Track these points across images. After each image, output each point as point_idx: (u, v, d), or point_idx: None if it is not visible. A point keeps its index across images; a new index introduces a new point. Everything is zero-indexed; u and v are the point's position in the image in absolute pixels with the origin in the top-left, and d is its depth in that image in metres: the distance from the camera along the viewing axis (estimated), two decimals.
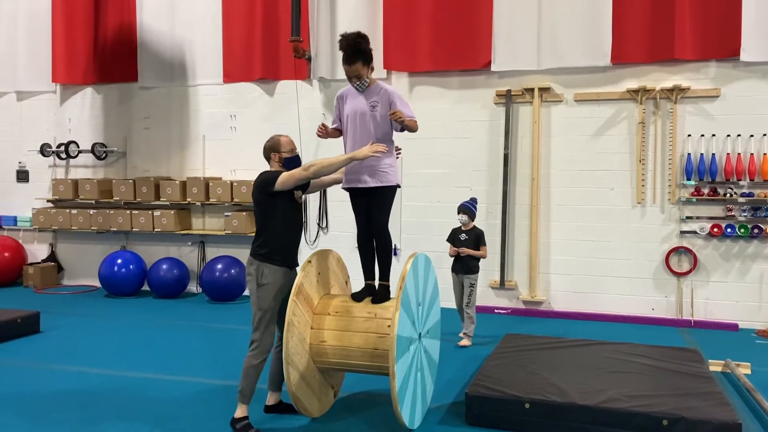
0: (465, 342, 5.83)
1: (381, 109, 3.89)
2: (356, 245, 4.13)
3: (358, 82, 3.91)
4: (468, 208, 5.92)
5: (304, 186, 3.93)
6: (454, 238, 5.98)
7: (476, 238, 5.87)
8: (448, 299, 7.22)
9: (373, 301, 3.96)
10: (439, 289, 4.41)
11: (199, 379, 4.76)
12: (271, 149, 3.92)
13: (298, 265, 3.93)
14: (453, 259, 5.94)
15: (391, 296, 4.00)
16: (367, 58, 3.86)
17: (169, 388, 4.58)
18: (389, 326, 3.54)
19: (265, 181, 3.76)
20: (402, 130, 3.91)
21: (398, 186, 4.03)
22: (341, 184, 4.07)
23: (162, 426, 3.84)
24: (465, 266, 5.84)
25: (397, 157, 4.12)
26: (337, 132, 4.13)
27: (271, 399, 4.03)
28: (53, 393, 4.46)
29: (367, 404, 4.26)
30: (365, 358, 3.83)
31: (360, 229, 4.09)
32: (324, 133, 4.06)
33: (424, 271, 3.98)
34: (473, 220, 5.95)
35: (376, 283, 4.07)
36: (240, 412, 3.70)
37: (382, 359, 3.66)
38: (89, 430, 3.82)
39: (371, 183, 3.90)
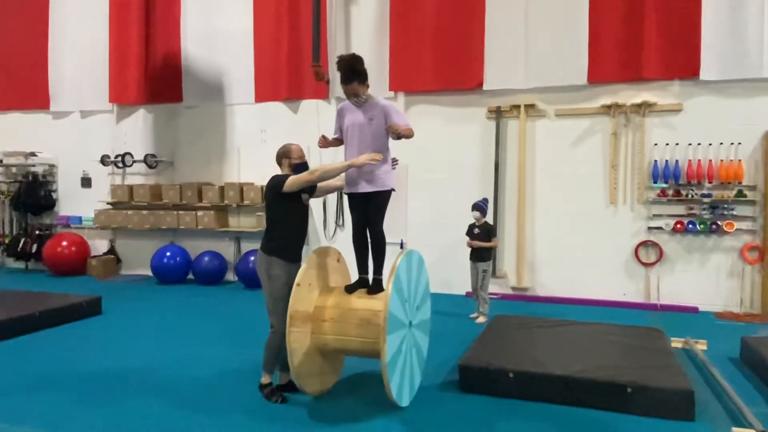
0: (481, 319, 5.94)
1: (378, 121, 3.72)
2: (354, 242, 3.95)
3: (355, 99, 3.76)
4: (479, 207, 6.04)
5: (311, 190, 3.84)
6: (470, 231, 6.08)
7: (487, 232, 6.00)
8: (449, 287, 7.36)
9: (369, 293, 3.80)
10: (425, 265, 4.14)
11: (232, 353, 4.80)
12: (282, 156, 3.83)
13: (301, 259, 3.79)
14: (471, 249, 6.05)
15: (383, 287, 3.75)
16: (362, 78, 3.71)
17: (209, 360, 4.64)
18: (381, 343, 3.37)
19: (275, 184, 3.67)
20: (399, 138, 3.73)
21: (393, 190, 3.86)
22: (344, 190, 3.93)
23: (202, 392, 3.94)
24: (479, 255, 6.00)
25: (394, 167, 3.95)
26: (338, 141, 3.98)
27: (283, 378, 3.93)
28: (110, 367, 4.54)
29: (365, 384, 4.12)
30: (364, 354, 3.82)
31: (355, 229, 3.92)
32: (324, 143, 3.92)
33: (406, 269, 3.71)
34: (485, 216, 6.07)
35: (369, 276, 3.90)
36: (265, 379, 3.77)
37: (375, 354, 3.51)
38: (131, 399, 3.88)
39: (369, 188, 3.75)
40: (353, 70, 3.67)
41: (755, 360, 4.39)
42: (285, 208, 3.69)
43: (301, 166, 3.78)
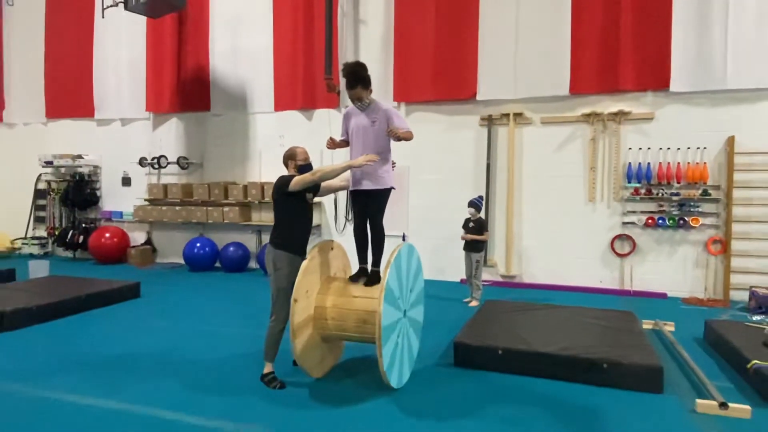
0: (474, 303, 5.92)
1: (380, 124, 3.57)
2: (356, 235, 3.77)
3: (359, 103, 3.60)
4: (474, 203, 6.00)
5: (316, 190, 3.68)
6: (465, 225, 6.03)
7: (479, 226, 5.96)
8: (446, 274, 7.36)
9: (366, 284, 3.62)
10: (414, 251, 3.88)
11: (252, 333, 4.73)
12: (289, 158, 3.65)
13: (306, 252, 3.59)
14: (464, 241, 6.00)
15: (381, 279, 3.46)
16: (365, 83, 3.53)
17: (230, 340, 4.62)
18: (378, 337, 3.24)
19: (281, 183, 3.52)
20: (399, 140, 3.56)
21: (393, 188, 3.69)
22: (349, 188, 3.74)
23: (218, 373, 3.85)
24: (472, 246, 5.96)
25: (393, 168, 3.75)
26: (344, 143, 3.79)
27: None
28: (145, 345, 4.55)
29: (363, 365, 3.99)
30: (364, 342, 3.70)
31: (356, 224, 3.77)
32: (332, 145, 3.72)
33: (396, 274, 3.48)
34: (479, 212, 6.02)
35: (368, 267, 3.74)
36: (267, 369, 3.57)
37: (372, 339, 3.44)
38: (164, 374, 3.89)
39: (370, 186, 3.61)
40: (357, 75, 3.51)
41: (717, 340, 4.38)
42: (291, 206, 3.53)
43: (306, 167, 3.61)
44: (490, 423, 3.06)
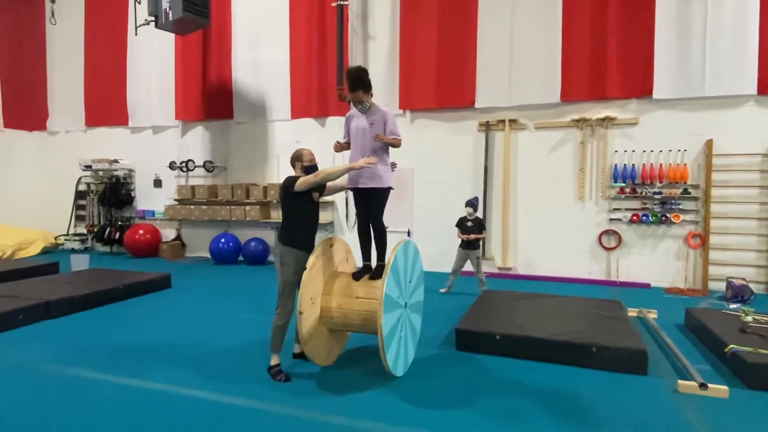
0: (444, 291, 5.90)
1: (377, 126, 3.43)
2: (360, 232, 3.63)
3: (360, 106, 3.47)
4: (472, 203, 5.94)
5: (321, 189, 3.54)
6: (462, 224, 5.92)
7: (479, 225, 5.91)
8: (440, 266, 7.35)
9: (372, 278, 3.49)
10: (410, 246, 3.63)
11: (271, 320, 4.71)
12: (296, 159, 3.52)
13: (313, 248, 3.47)
14: (462, 240, 5.89)
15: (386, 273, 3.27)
16: (366, 87, 3.40)
17: (250, 327, 4.61)
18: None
19: (288, 184, 3.40)
20: (387, 145, 3.44)
21: (391, 188, 3.52)
22: (347, 185, 3.59)
23: (235, 361, 3.79)
24: (472, 245, 5.88)
25: (393, 170, 3.59)
26: (347, 145, 3.63)
27: (297, 348, 3.76)
28: (174, 332, 4.57)
29: (367, 355, 3.89)
30: (365, 332, 3.55)
31: (359, 221, 3.62)
32: (338, 147, 3.57)
33: (394, 280, 3.31)
34: (476, 211, 5.98)
35: (372, 263, 3.60)
36: (273, 360, 3.43)
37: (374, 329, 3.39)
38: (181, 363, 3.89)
39: (370, 184, 3.45)
40: (358, 79, 3.39)
41: (697, 326, 4.36)
42: (297, 205, 3.40)
43: (311, 168, 3.47)
44: (488, 403, 3.06)
